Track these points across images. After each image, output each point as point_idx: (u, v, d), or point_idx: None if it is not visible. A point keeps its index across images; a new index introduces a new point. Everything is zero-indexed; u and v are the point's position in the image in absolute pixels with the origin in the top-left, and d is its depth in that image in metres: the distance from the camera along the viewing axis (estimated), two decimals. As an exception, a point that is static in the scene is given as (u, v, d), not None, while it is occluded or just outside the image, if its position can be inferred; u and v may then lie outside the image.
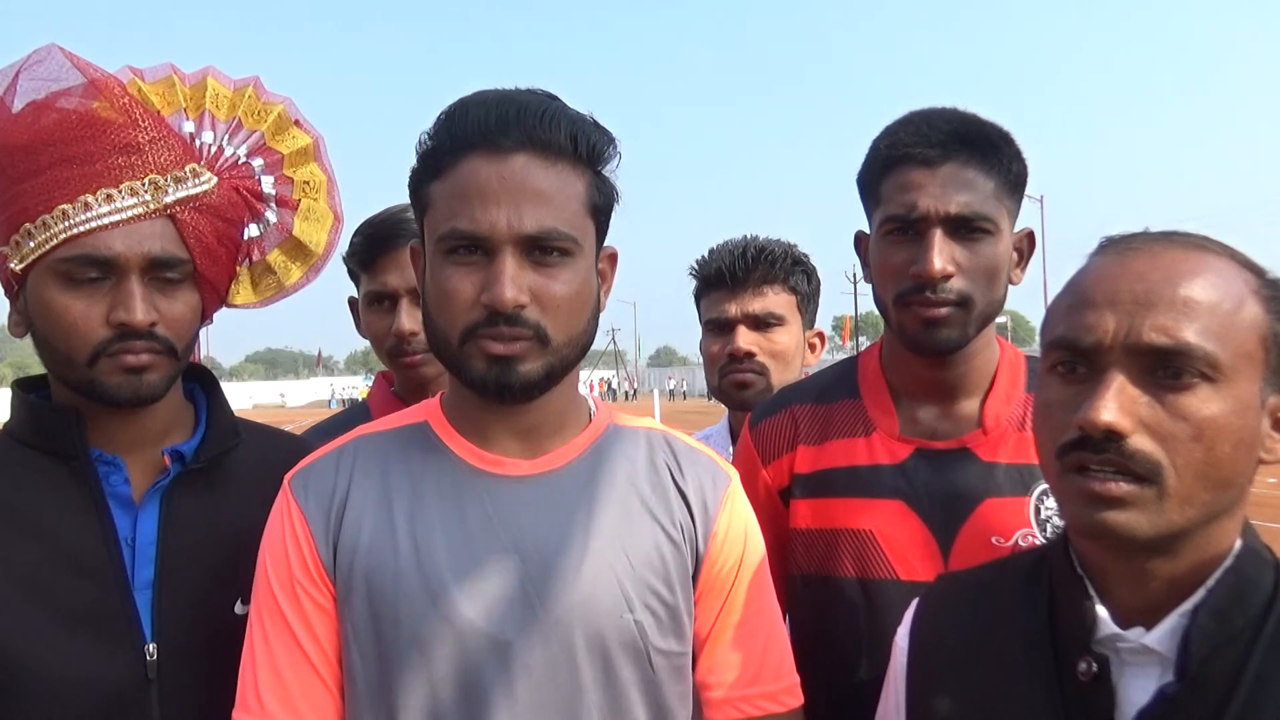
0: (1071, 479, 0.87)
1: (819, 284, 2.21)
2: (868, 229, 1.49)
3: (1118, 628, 0.90)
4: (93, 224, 1.14)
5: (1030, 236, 1.45)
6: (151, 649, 1.17)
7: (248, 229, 1.37)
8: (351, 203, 1.53)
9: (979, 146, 1.35)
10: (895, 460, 1.43)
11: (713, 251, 2.15)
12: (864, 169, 1.45)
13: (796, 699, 1.21)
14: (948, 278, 1.33)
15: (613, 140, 1.13)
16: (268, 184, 1.38)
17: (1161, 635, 0.88)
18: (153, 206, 1.18)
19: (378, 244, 1.75)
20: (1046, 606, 0.98)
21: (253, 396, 70.67)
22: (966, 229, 1.33)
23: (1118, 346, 0.85)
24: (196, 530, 1.24)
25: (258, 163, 1.38)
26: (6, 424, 1.26)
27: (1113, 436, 0.83)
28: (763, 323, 2.07)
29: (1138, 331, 0.84)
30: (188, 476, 1.25)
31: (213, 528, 1.25)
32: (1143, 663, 0.89)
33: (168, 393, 1.23)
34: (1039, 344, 0.99)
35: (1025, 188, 1.40)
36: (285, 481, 1.16)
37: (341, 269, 1.84)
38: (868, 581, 1.39)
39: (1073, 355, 0.89)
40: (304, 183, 1.42)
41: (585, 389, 1.27)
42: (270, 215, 1.39)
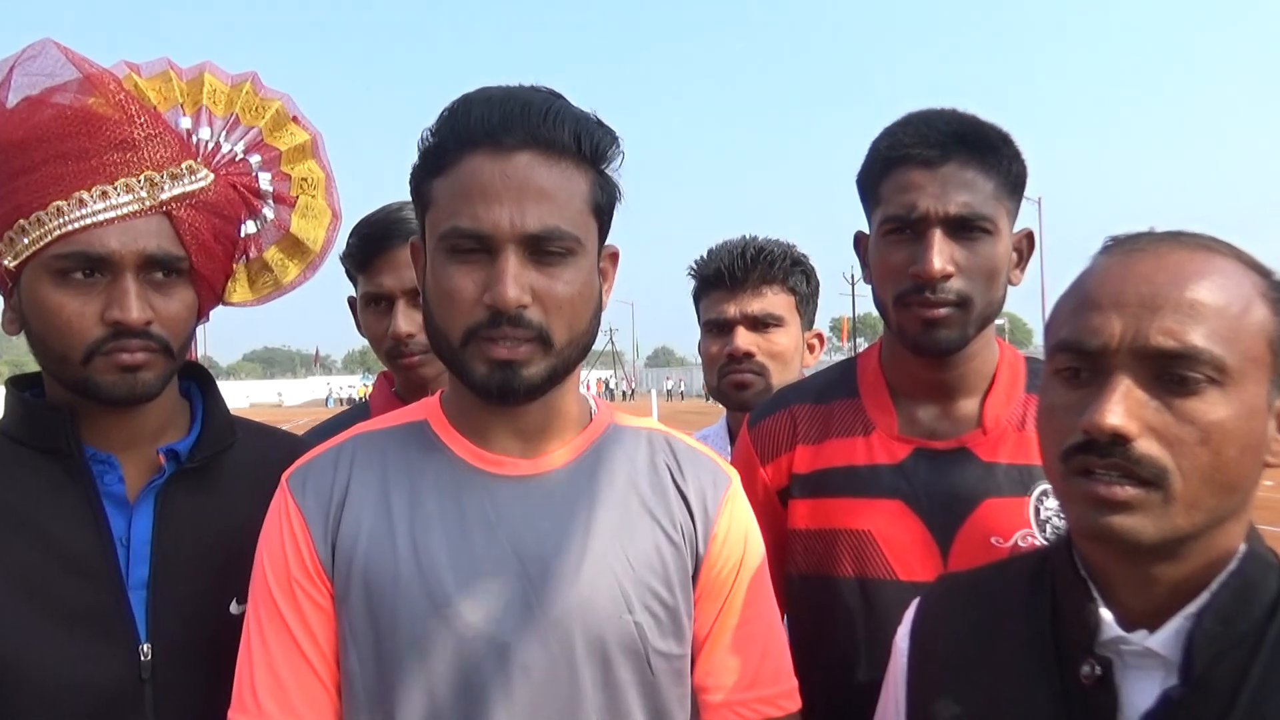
0: (1076, 482, 0.87)
1: (818, 284, 2.20)
2: (867, 229, 1.49)
3: (1122, 631, 0.89)
4: (88, 221, 1.13)
5: (1029, 237, 1.45)
6: (146, 649, 1.16)
7: (245, 226, 1.35)
8: (351, 203, 1.52)
9: (978, 147, 1.35)
10: (894, 460, 1.42)
11: (711, 252, 2.14)
12: (864, 169, 1.45)
13: (795, 703, 1.20)
14: (947, 278, 1.33)
15: (616, 139, 1.12)
16: (265, 180, 1.37)
17: (1165, 638, 0.87)
18: (149, 203, 1.17)
19: (373, 245, 1.74)
20: (1049, 609, 0.98)
21: (250, 395, 70.67)
22: (966, 229, 1.33)
23: (1124, 349, 0.85)
24: (192, 529, 1.23)
25: (255, 159, 1.36)
26: (0, 422, 1.25)
27: (1119, 440, 0.83)
28: (761, 323, 2.06)
29: (1144, 334, 0.84)
30: (183, 475, 1.25)
31: (208, 527, 1.24)
32: (1146, 666, 0.89)
33: (163, 391, 1.22)
34: (1037, 346, 0.98)
35: (1025, 188, 1.40)
36: (283, 480, 1.15)
37: (339, 266, 1.83)
38: (867, 582, 1.39)
39: (1078, 358, 0.88)
40: (302, 179, 1.41)
41: (585, 389, 1.26)
42: (268, 212, 1.38)
